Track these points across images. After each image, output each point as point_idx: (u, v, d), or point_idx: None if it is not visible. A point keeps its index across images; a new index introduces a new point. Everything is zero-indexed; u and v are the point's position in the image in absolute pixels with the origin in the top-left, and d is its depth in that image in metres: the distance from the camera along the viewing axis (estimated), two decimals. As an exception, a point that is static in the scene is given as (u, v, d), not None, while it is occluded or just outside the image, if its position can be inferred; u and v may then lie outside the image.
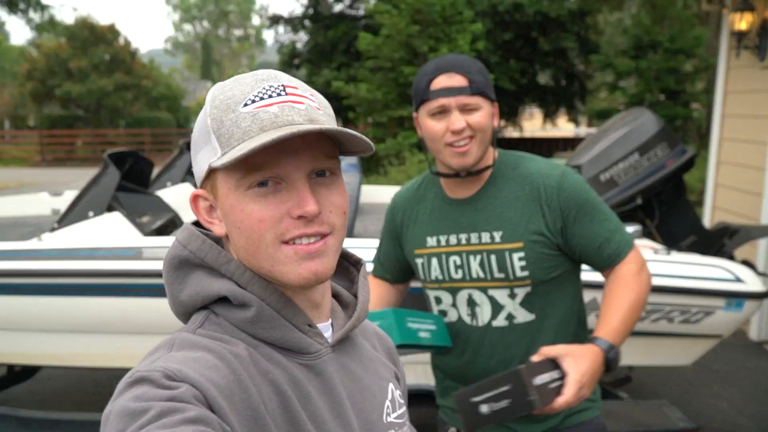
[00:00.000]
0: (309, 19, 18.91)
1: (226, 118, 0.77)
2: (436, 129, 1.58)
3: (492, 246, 1.61)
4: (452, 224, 1.67)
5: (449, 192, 1.70)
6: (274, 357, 0.80)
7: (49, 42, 26.36)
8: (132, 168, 3.84)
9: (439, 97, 1.57)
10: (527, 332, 1.63)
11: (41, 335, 3.00)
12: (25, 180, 18.07)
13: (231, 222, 0.79)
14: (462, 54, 1.62)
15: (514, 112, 19.12)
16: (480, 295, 1.64)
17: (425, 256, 1.71)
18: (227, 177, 0.78)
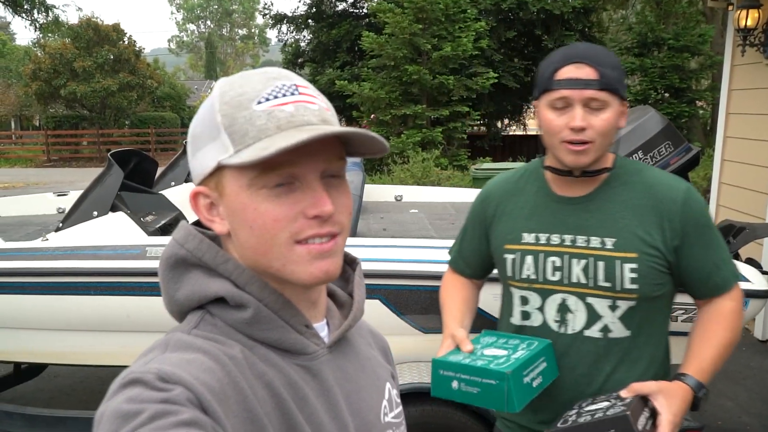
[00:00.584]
0: (312, 18, 18.92)
1: (239, 115, 0.76)
2: (555, 123, 1.47)
3: (601, 252, 1.50)
4: (557, 223, 1.56)
5: (556, 188, 1.59)
6: (271, 358, 0.79)
7: (54, 42, 26.40)
8: (136, 167, 3.85)
9: (563, 89, 1.44)
10: (619, 349, 1.52)
11: (47, 334, 3.01)
12: (31, 180, 18.15)
13: (240, 220, 0.78)
14: (597, 45, 1.49)
15: (519, 110, 19.08)
16: (576, 301, 1.53)
17: (518, 252, 1.60)
18: (239, 175, 0.76)
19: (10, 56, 35.42)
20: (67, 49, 24.76)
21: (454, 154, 13.65)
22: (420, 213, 4.11)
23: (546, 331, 1.57)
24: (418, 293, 2.77)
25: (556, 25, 16.27)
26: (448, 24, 13.60)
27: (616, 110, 1.46)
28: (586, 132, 1.44)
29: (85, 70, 24.35)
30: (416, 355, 2.86)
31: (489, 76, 14.04)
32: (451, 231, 3.45)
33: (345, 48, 17.38)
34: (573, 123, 1.43)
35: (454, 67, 13.69)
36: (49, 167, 23.32)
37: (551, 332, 1.56)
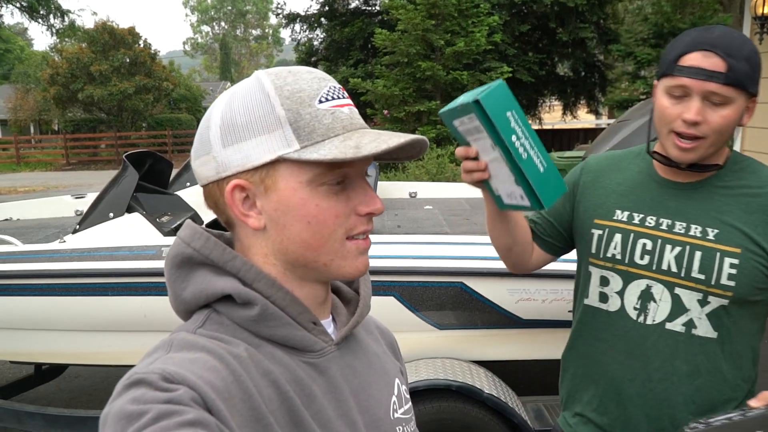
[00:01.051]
0: (325, 17, 18.92)
1: (305, 112, 0.77)
2: (668, 111, 1.36)
3: (701, 242, 1.39)
4: (655, 204, 1.47)
5: (662, 171, 1.49)
6: (277, 356, 0.79)
7: (71, 47, 26.68)
8: (151, 169, 3.88)
9: (683, 76, 1.32)
10: (702, 350, 1.42)
11: (65, 334, 3.05)
12: (51, 183, 18.36)
13: (296, 215, 0.78)
14: (737, 32, 1.34)
15: (534, 104, 18.95)
16: (662, 290, 1.43)
17: (607, 228, 1.50)
18: (300, 170, 0.77)
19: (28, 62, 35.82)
20: (84, 54, 25.02)
21: (470, 150, 13.57)
22: (434, 209, 4.10)
23: (621, 318, 1.48)
24: (433, 290, 2.77)
25: (571, 18, 16.12)
26: (461, 19, 13.53)
27: (739, 107, 1.33)
28: (699, 127, 1.33)
29: (101, 74, 24.59)
30: (432, 351, 2.86)
31: (503, 71, 13.96)
32: (466, 226, 3.44)
33: (358, 46, 17.37)
34: (687, 115, 1.32)
35: (468, 62, 13.63)
36: (69, 170, 23.59)
37: (628, 320, 1.47)
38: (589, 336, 1.57)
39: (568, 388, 1.64)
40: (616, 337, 1.50)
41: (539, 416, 2.80)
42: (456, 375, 2.63)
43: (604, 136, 3.97)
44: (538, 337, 2.85)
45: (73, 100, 25.49)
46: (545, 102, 20.70)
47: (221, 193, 0.80)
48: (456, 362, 2.78)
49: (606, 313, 1.52)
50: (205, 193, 0.84)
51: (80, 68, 24.84)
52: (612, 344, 1.50)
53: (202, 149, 0.82)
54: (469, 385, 2.57)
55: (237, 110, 0.78)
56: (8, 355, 3.36)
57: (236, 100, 0.79)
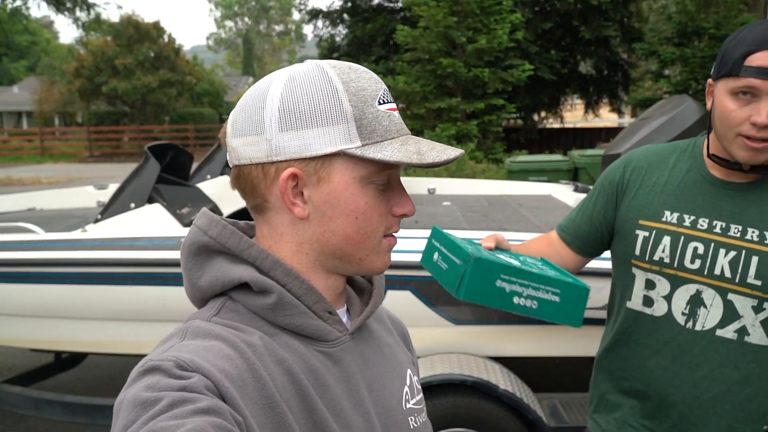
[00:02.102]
0: (347, 13, 18.96)
1: (368, 111, 0.78)
2: (735, 114, 1.29)
3: (758, 246, 1.34)
4: (708, 206, 1.40)
5: (714, 170, 1.42)
6: (292, 345, 0.80)
7: (96, 40, 27.00)
8: (172, 160, 3.92)
9: (752, 77, 1.25)
10: (754, 358, 1.36)
11: (85, 323, 3.09)
12: (74, 175, 18.60)
13: (345, 210, 0.79)
14: None
15: (556, 102, 18.83)
16: (714, 295, 1.37)
17: (654, 230, 1.43)
18: (356, 167, 0.78)
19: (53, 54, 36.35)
20: (109, 47, 25.32)
21: (490, 147, 13.55)
22: (453, 205, 4.10)
23: (668, 323, 1.42)
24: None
25: (594, 16, 15.99)
26: (483, 16, 13.48)
27: None
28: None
29: (126, 67, 24.87)
30: (448, 346, 2.86)
31: (525, 69, 13.88)
32: (484, 223, 3.44)
33: (380, 42, 17.38)
34: (758, 119, 1.26)
35: (490, 59, 13.57)
36: (92, 163, 23.90)
37: (676, 325, 1.41)
38: (629, 340, 1.51)
39: (603, 390, 1.59)
40: (661, 342, 1.44)
41: (555, 413, 2.79)
42: (471, 370, 2.63)
43: (624, 134, 3.93)
44: (554, 334, 2.83)
45: (97, 92, 25.81)
46: (567, 100, 20.56)
47: (265, 176, 0.79)
48: (472, 358, 2.78)
49: (651, 318, 1.46)
50: (242, 174, 0.81)
51: (105, 61, 25.15)
52: (657, 350, 1.45)
53: (250, 128, 0.79)
54: (484, 380, 2.57)
55: (301, 96, 0.77)
56: (28, 342, 3.41)
57: (299, 85, 0.78)
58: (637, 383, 1.49)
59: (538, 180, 7.60)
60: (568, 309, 1.26)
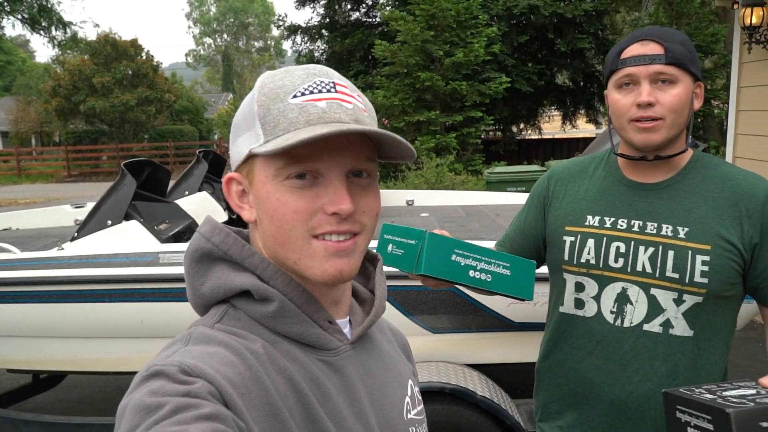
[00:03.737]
0: (326, 29, 19.05)
1: (274, 107, 0.78)
2: (621, 102, 1.41)
3: (673, 241, 1.41)
4: (625, 207, 1.48)
5: (628, 173, 1.51)
6: (293, 353, 0.80)
7: (73, 59, 26.83)
8: (149, 177, 3.92)
9: (628, 66, 1.38)
10: (679, 349, 1.42)
11: (63, 342, 3.07)
12: (52, 195, 18.40)
13: (264, 209, 0.80)
14: (667, 27, 1.44)
15: (533, 114, 19.02)
16: (638, 291, 1.43)
17: (579, 234, 1.51)
18: (267, 165, 0.78)
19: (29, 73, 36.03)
20: (86, 65, 25.14)
21: (469, 159, 13.64)
22: (430, 216, 4.13)
23: (599, 323, 1.48)
24: (427, 294, 2.79)
25: (569, 29, 16.21)
26: (460, 30, 13.62)
27: (687, 87, 1.38)
28: (654, 108, 1.37)
29: (103, 86, 24.70)
30: (426, 355, 2.89)
31: (502, 81, 14.03)
32: (461, 233, 3.47)
33: (358, 57, 17.48)
34: (640, 98, 1.37)
35: (467, 72, 13.70)
36: (70, 182, 23.66)
37: (606, 324, 1.47)
38: (564, 344, 1.57)
39: (545, 399, 1.64)
40: (594, 342, 1.49)
41: (532, 419, 2.81)
42: (450, 378, 2.65)
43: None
44: (530, 340, 2.87)
45: (74, 111, 25.58)
46: (545, 112, 20.76)
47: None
48: (450, 365, 2.81)
49: (583, 320, 1.51)
50: None
51: (82, 80, 24.95)
52: (590, 350, 1.50)
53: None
54: (462, 387, 2.60)
55: (238, 111, 0.84)
56: (6, 363, 3.37)
57: (244, 101, 0.84)
58: (575, 387, 1.54)
59: (516, 191, 7.68)
60: (520, 282, 1.35)
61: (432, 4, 12.94)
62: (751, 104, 5.44)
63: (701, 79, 1.43)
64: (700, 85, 1.43)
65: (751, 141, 5.46)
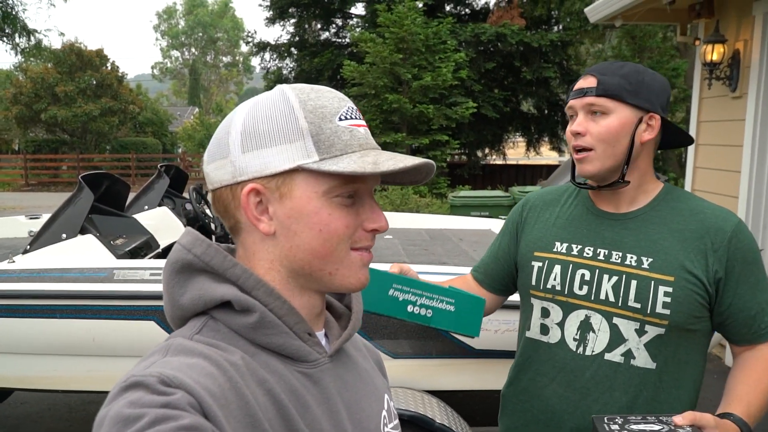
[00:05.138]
0: (295, 47, 19.10)
1: (326, 126, 0.80)
2: (567, 134, 1.47)
3: (636, 271, 1.42)
4: (592, 235, 1.49)
5: (598, 203, 1.53)
6: (272, 365, 0.80)
7: (36, 66, 26.35)
8: (107, 190, 3.83)
9: (570, 99, 1.46)
10: (641, 381, 1.42)
11: (11, 357, 2.96)
12: (8, 204, 17.92)
13: (309, 223, 0.81)
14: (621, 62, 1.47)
15: (498, 139, 19.29)
16: (600, 320, 1.44)
17: (546, 260, 1.53)
18: (316, 181, 0.80)
19: (-10, 80, 35.23)
20: (49, 74, 24.71)
21: (434, 182, 13.74)
22: (394, 239, 4.13)
23: (561, 350, 1.49)
24: (387, 319, 2.77)
25: (535, 58, 16.56)
26: (429, 54, 13.79)
27: (623, 118, 1.40)
28: (584, 138, 1.42)
29: (66, 95, 24.29)
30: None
31: (468, 106, 14.22)
32: (424, 257, 3.47)
33: (327, 76, 17.54)
34: (571, 128, 1.44)
35: (434, 96, 13.86)
36: (27, 191, 23.09)
37: (568, 352, 1.47)
38: (529, 370, 1.57)
39: (508, 424, 1.64)
40: (556, 369, 1.50)
41: (489, 447, 2.81)
42: (408, 404, 2.63)
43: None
44: (490, 367, 2.86)
45: (35, 120, 25.08)
46: (509, 138, 21.07)
47: (233, 196, 0.82)
48: (409, 391, 2.78)
49: (547, 346, 1.52)
50: (215, 197, 0.85)
51: (45, 88, 24.51)
52: (552, 377, 1.50)
53: (218, 153, 0.83)
54: (421, 414, 2.57)
55: (259, 118, 0.81)
56: (-50, 379, 3.24)
57: (259, 109, 0.82)
58: (537, 413, 1.54)
59: (479, 215, 7.73)
60: (464, 318, 1.35)
61: (402, 27, 13.09)
62: (710, 139, 5.59)
63: (656, 112, 1.43)
64: (653, 116, 1.43)
65: (709, 174, 5.60)
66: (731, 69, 5.12)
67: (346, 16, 19.29)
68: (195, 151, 27.68)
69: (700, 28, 5.68)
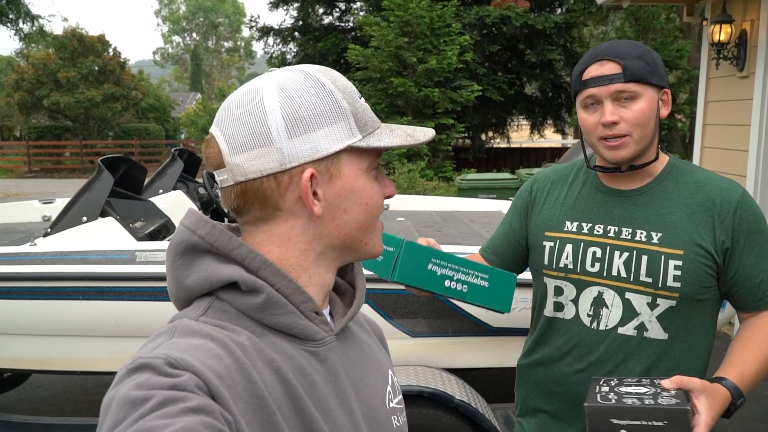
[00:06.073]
0: (298, 31, 19.01)
1: (358, 106, 0.83)
2: (588, 122, 1.46)
3: (647, 246, 1.45)
4: (602, 213, 1.53)
5: (606, 181, 1.56)
6: (279, 345, 0.80)
7: (38, 52, 26.26)
8: (125, 174, 3.86)
9: (589, 87, 1.43)
10: (654, 352, 1.46)
11: (34, 339, 3.00)
12: (11, 191, 17.96)
13: (359, 199, 0.84)
14: (625, 39, 1.49)
15: (503, 122, 19.24)
16: (613, 295, 1.48)
17: (558, 239, 1.56)
18: (359, 159, 0.83)
19: (-8, 66, 35.11)
20: (51, 60, 24.64)
21: (440, 166, 13.74)
22: (406, 221, 4.15)
23: (576, 325, 1.53)
24: (406, 297, 2.81)
25: (539, 40, 16.47)
26: (433, 38, 13.73)
27: (651, 99, 1.42)
28: (619, 126, 1.42)
29: (69, 81, 24.22)
30: (405, 359, 2.90)
31: (473, 89, 14.18)
32: (438, 237, 3.49)
33: (331, 60, 17.46)
34: (604, 118, 1.42)
35: (439, 80, 13.82)
36: (30, 178, 23.10)
37: (582, 327, 1.52)
38: (545, 345, 1.61)
39: (524, 395, 1.69)
40: (571, 344, 1.54)
41: (508, 423, 2.85)
42: (428, 382, 2.67)
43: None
44: (507, 345, 2.90)
45: (38, 106, 25.03)
46: (514, 121, 21.00)
47: (279, 185, 0.80)
48: (428, 369, 2.82)
49: (562, 322, 1.56)
50: (251, 188, 0.81)
51: (47, 74, 24.44)
52: (567, 351, 1.55)
53: (254, 142, 0.79)
54: (440, 391, 2.61)
55: (301, 102, 0.80)
56: (-29, 361, 3.29)
57: (295, 92, 0.80)
58: (552, 386, 1.59)
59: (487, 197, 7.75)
60: (497, 294, 1.40)
61: (406, 11, 13.02)
62: (717, 118, 5.59)
63: (667, 87, 1.48)
64: (666, 92, 1.48)
65: (716, 154, 5.61)
66: (738, 49, 5.12)
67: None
68: (198, 137, 27.63)
69: (707, 9, 5.67)
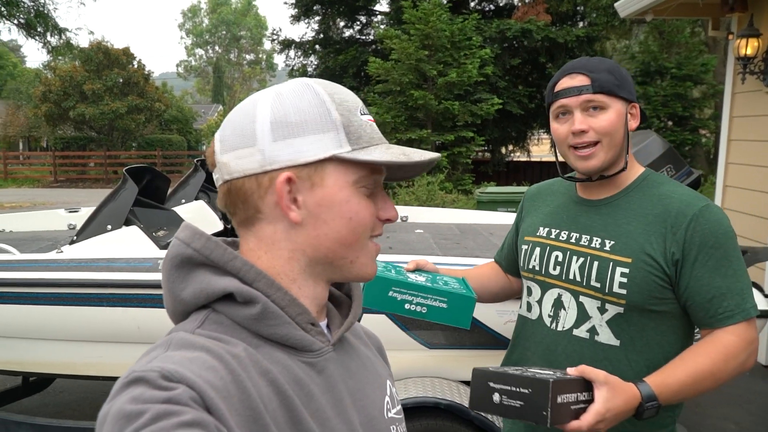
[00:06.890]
0: (319, 44, 19.18)
1: (353, 119, 0.83)
2: (560, 131, 1.54)
3: (598, 252, 1.52)
4: (569, 221, 1.62)
5: (581, 191, 1.65)
6: (276, 356, 0.80)
7: (64, 65, 26.76)
8: (149, 184, 3.93)
9: (560, 99, 1.52)
10: (605, 357, 1.50)
11: (59, 344, 3.06)
12: (38, 200, 18.26)
13: (339, 211, 0.82)
14: (596, 57, 1.56)
15: (523, 136, 19.19)
16: (570, 298, 1.56)
17: (531, 243, 1.68)
18: (347, 171, 0.82)
19: (20, 78, 35.87)
20: (78, 72, 25.10)
21: (459, 179, 13.74)
22: (425, 233, 4.17)
23: (539, 326, 1.62)
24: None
25: (560, 54, 16.45)
26: (454, 51, 13.78)
27: (618, 111, 1.49)
28: (588, 134, 1.49)
29: (94, 93, 24.65)
30: (421, 370, 2.90)
31: (493, 102, 14.19)
32: (456, 250, 3.51)
33: (351, 73, 17.58)
34: (573, 127, 1.49)
35: (459, 92, 13.85)
36: (56, 188, 23.49)
37: (544, 327, 1.60)
38: (519, 345, 1.71)
39: None
40: (536, 343, 1.63)
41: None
42: (444, 394, 2.67)
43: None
44: (525, 359, 2.89)
45: (64, 117, 25.50)
46: (534, 134, 20.95)
47: (259, 185, 0.81)
48: (444, 381, 2.83)
49: (531, 322, 1.66)
50: (234, 187, 0.83)
51: (73, 86, 24.89)
52: (534, 351, 1.63)
53: (240, 142, 0.82)
54: (457, 403, 2.61)
55: (289, 108, 0.81)
56: None
57: (287, 99, 0.82)
58: None
59: (506, 211, 7.75)
60: (456, 313, 1.58)
61: (427, 24, 13.10)
62: (743, 134, 5.54)
63: (635, 101, 1.55)
64: (634, 106, 1.55)
65: (741, 170, 5.55)
66: (765, 63, 5.08)
67: (370, 13, 19.33)
68: (220, 148, 27.83)
69: (733, 23, 5.63)
